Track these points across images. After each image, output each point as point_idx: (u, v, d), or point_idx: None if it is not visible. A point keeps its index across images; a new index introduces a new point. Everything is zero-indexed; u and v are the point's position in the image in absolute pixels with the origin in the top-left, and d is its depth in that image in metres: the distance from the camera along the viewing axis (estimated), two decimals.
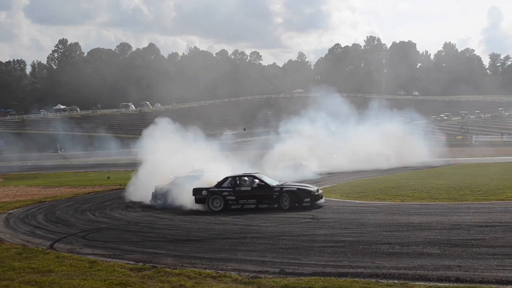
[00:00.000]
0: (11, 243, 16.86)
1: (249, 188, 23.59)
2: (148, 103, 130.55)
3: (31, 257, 14.17)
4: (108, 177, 45.66)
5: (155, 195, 26.26)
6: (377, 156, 46.40)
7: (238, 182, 23.71)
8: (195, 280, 10.92)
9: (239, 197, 23.52)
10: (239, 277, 10.90)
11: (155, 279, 11.18)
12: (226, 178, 23.94)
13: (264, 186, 23.40)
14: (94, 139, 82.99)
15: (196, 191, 23.68)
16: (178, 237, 16.74)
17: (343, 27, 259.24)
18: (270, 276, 10.91)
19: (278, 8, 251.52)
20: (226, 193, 23.59)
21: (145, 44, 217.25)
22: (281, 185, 23.63)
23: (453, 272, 10.52)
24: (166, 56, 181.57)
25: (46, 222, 21.39)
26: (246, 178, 23.95)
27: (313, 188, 23.43)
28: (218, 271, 11.50)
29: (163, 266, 12.29)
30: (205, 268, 11.90)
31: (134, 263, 12.82)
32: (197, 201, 23.67)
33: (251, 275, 11.07)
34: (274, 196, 23.03)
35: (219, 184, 23.71)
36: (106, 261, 13.12)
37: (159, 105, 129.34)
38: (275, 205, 22.90)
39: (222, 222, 19.45)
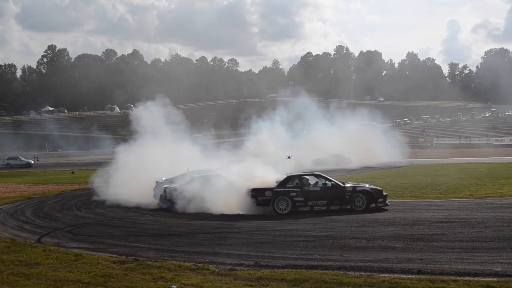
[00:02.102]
0: (0, 237, 16.58)
1: (318, 188, 20.34)
2: (132, 105, 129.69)
3: (19, 250, 13.93)
4: (72, 172, 45.24)
5: (165, 197, 22.86)
6: (342, 157, 46.58)
7: (304, 181, 20.30)
8: (175, 272, 10.81)
9: (308, 198, 20.09)
10: (217, 270, 10.81)
11: (137, 271, 11.05)
12: (290, 177, 20.46)
13: (335, 186, 20.30)
14: (90, 139, 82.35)
15: (258, 192, 19.99)
16: (159, 231, 16.60)
17: (314, 36, 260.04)
18: (245, 269, 10.85)
19: (254, 18, 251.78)
20: (294, 194, 20.05)
21: (129, 50, 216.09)
22: (353, 185, 20.82)
23: (415, 264, 10.56)
24: (149, 62, 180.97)
25: (34, 217, 21.05)
26: (308, 177, 20.70)
27: (379, 188, 20.99)
28: (197, 264, 11.40)
29: (144, 259, 12.15)
30: (185, 261, 11.79)
31: (117, 256, 12.65)
32: (259, 203, 19.90)
33: (228, 267, 11.00)
34: (347, 197, 20.06)
35: (283, 184, 20.14)
36: (90, 254, 12.93)
37: (142, 108, 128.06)
38: (348, 206, 19.99)
39: (201, 218, 19.26)
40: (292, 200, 19.95)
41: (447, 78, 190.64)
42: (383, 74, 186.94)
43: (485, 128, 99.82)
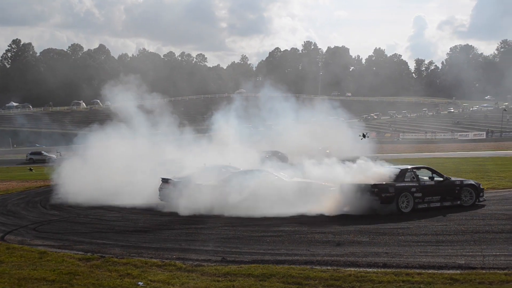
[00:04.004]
0: None
1: (433, 183, 18.31)
2: (98, 101, 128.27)
3: None
4: (31, 169, 44.60)
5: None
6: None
7: (418, 176, 18.22)
8: (141, 269, 10.74)
9: (425, 194, 17.99)
10: (183, 266, 10.78)
11: (103, 268, 10.94)
12: (405, 171, 18.14)
13: (445, 180, 18.47)
14: (65, 134, 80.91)
15: (381, 188, 17.24)
16: (126, 228, 16.47)
17: (283, 32, 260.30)
18: (212, 264, 10.84)
19: (223, 13, 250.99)
20: (414, 189, 17.83)
21: (96, 45, 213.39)
22: (459, 179, 19.28)
23: (381, 258, 10.68)
24: (116, 57, 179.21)
25: None
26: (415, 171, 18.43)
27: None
28: (164, 260, 11.35)
29: (111, 256, 12.05)
30: (151, 257, 11.73)
31: (83, 253, 12.51)
32: (383, 200, 17.13)
33: (195, 263, 10.97)
34: (456, 191, 18.35)
35: (400, 179, 17.81)
36: (55, 252, 12.74)
37: (109, 103, 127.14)
38: (458, 202, 18.21)
39: (168, 214, 19.14)
40: (412, 196, 17.81)
41: (413, 74, 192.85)
42: (350, 69, 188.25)
43: (450, 123, 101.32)
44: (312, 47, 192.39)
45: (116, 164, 24.96)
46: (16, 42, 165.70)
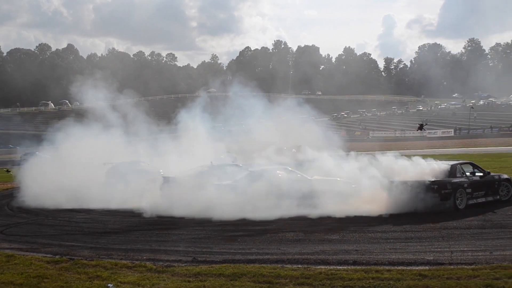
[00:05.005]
0: None
1: (478, 178, 17.62)
2: (67, 101, 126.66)
3: None
4: (8, 171, 43.88)
5: None
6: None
7: (465, 171, 17.34)
8: (111, 270, 10.64)
9: (473, 190, 17.35)
10: (154, 267, 10.71)
11: (72, 270, 10.81)
12: (455, 167, 17.20)
13: (485, 174, 17.72)
14: (37, 135, 79.56)
15: (441, 185, 16.30)
16: (95, 230, 16.29)
17: (253, 31, 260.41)
18: (183, 265, 10.79)
19: (193, 12, 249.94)
20: (466, 185, 17.10)
21: (64, 44, 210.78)
22: (497, 174, 18.72)
23: (351, 256, 10.77)
24: (85, 56, 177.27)
25: None
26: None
27: None
28: (134, 261, 11.25)
29: (80, 258, 11.89)
30: (121, 259, 11.62)
31: (51, 256, 12.31)
32: (443, 197, 16.18)
33: (165, 264, 10.91)
34: (495, 186, 17.86)
35: (453, 175, 16.89)
36: (23, 255, 12.50)
37: (78, 103, 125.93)
38: (497, 197, 17.85)
39: (138, 215, 18.92)
40: (465, 192, 17.10)
41: (382, 73, 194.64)
42: (320, 68, 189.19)
43: (419, 121, 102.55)
44: (282, 46, 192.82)
45: (85, 165, 24.63)
46: None
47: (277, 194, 17.35)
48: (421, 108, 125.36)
